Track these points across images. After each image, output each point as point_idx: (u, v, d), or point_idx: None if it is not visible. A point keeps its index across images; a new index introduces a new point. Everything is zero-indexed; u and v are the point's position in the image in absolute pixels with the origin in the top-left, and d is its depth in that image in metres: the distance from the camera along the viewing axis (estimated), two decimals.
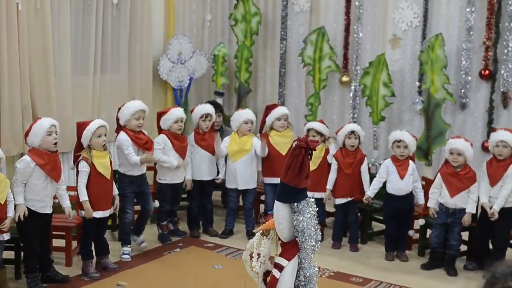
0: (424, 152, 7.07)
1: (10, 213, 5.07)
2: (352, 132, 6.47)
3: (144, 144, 6.09)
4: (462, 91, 7.23)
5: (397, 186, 6.18)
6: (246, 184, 6.75)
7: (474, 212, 5.95)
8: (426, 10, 7.39)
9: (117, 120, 6.12)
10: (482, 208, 5.90)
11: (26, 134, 5.26)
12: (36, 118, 5.45)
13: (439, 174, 6.06)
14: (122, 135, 6.03)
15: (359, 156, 6.50)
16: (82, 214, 5.58)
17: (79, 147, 5.61)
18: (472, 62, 7.18)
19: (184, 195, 6.94)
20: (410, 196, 6.21)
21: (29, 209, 5.15)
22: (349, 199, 6.48)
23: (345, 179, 6.47)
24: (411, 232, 6.39)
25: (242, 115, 6.75)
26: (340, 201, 6.51)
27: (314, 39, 7.81)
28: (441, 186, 5.99)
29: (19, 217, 5.12)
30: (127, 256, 6.08)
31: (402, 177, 6.15)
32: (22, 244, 5.38)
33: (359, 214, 6.71)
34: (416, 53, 7.44)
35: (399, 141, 6.17)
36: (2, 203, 4.98)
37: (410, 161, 6.24)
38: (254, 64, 8.52)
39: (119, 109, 6.13)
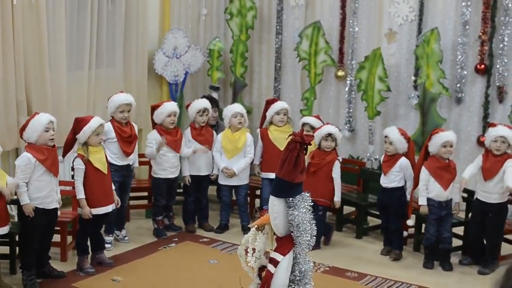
0: (419, 146, 7.06)
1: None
2: (329, 134, 6.35)
3: (127, 138, 6.14)
4: (458, 85, 7.23)
5: (381, 180, 6.26)
6: (238, 180, 6.74)
7: (461, 200, 6.01)
8: (421, 4, 7.38)
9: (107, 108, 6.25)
10: (475, 203, 5.92)
11: (23, 129, 5.18)
12: (34, 113, 5.37)
13: (424, 169, 5.92)
14: (108, 125, 6.03)
15: (328, 159, 6.32)
16: (80, 211, 5.56)
17: (72, 141, 5.58)
18: (467, 56, 7.18)
19: (180, 190, 6.94)
20: (394, 191, 6.15)
21: (36, 208, 5.12)
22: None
23: (307, 179, 6.37)
24: (405, 233, 6.36)
25: (230, 110, 6.76)
26: None
27: (310, 34, 7.80)
28: (428, 181, 5.94)
29: (23, 213, 5.12)
30: (109, 245, 6.12)
31: (384, 173, 6.21)
32: (21, 240, 5.33)
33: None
34: (411, 48, 7.44)
35: (386, 136, 6.22)
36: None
37: (402, 159, 6.12)
38: (250, 58, 8.51)
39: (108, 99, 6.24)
